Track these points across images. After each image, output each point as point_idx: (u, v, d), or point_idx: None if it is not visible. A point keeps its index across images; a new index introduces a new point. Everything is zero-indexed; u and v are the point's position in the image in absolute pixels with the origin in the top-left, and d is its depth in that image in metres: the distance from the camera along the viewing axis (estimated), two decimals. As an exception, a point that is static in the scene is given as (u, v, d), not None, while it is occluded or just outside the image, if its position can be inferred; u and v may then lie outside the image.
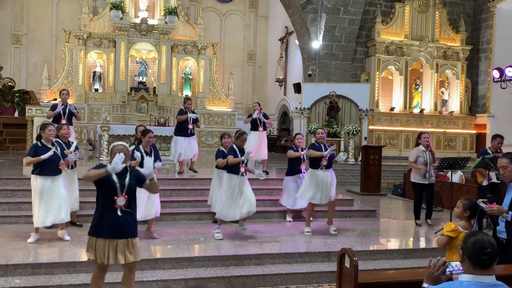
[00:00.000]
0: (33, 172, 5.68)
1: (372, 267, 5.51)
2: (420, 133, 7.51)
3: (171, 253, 5.42)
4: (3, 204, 6.90)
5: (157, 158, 6.07)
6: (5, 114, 13.79)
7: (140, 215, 5.46)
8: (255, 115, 9.31)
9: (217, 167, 6.72)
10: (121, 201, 3.79)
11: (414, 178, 7.36)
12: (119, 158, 3.65)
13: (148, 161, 3.83)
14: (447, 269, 2.59)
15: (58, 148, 5.83)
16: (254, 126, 9.35)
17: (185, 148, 8.63)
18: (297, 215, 7.58)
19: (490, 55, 16.10)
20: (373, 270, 5.39)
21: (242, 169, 6.14)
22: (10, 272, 4.71)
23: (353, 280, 2.97)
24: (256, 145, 9.07)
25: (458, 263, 2.51)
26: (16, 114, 13.80)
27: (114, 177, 3.78)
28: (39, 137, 5.81)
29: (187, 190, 7.92)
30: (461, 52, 16.27)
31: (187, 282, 4.91)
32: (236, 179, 6.12)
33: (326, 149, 6.53)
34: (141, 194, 5.54)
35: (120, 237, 3.81)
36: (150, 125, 12.85)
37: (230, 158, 6.10)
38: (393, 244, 6.57)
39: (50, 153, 5.54)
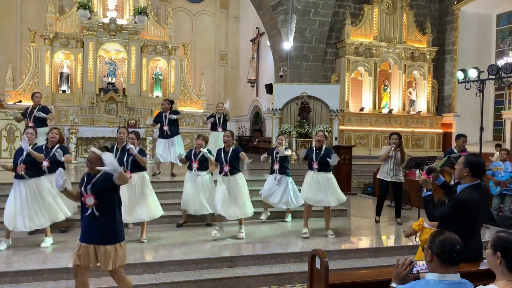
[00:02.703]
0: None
1: (344, 266, 5.58)
2: (391, 134, 7.73)
3: (142, 258, 5.34)
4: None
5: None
6: (-33, 116, 13.26)
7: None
8: (217, 116, 9.22)
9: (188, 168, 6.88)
10: (89, 200, 3.77)
11: (379, 174, 7.67)
12: (58, 174, 3.84)
13: (108, 157, 3.67)
14: (414, 268, 2.65)
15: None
16: (214, 126, 9.35)
17: (163, 150, 8.57)
18: (277, 216, 7.61)
19: (455, 56, 16.61)
20: (344, 269, 5.46)
21: (226, 169, 6.27)
22: (-27, 282, 4.54)
23: (324, 281, 3.00)
24: (214, 146, 9.03)
25: (424, 262, 2.57)
26: (-22, 117, 13.29)
27: (85, 177, 3.87)
28: None
29: (160, 193, 7.79)
30: (428, 54, 16.71)
31: (158, 287, 4.85)
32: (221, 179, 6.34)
33: (320, 153, 6.55)
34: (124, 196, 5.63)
35: (89, 242, 3.78)
36: (119, 126, 12.62)
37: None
38: (364, 243, 6.68)
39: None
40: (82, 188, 3.85)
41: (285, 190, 7.29)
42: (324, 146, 6.64)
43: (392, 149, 7.37)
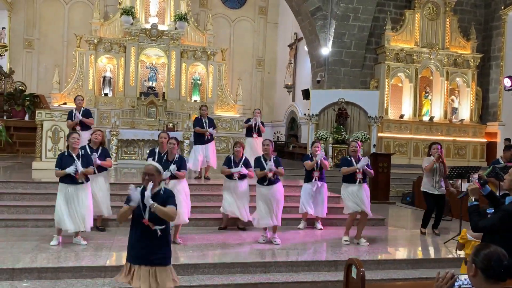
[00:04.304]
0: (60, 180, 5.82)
1: (380, 277, 5.43)
2: (432, 144, 7.43)
3: (176, 259, 5.38)
4: (12, 208, 6.94)
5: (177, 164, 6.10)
6: (16, 117, 13.93)
7: None
8: (252, 121, 9.57)
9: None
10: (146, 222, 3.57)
11: (424, 187, 7.32)
12: (134, 192, 3.46)
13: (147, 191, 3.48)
14: (456, 283, 2.52)
15: (79, 158, 5.78)
16: (249, 132, 9.49)
17: (204, 155, 8.69)
18: (310, 223, 7.53)
19: (502, 63, 15.94)
20: (380, 280, 5.32)
21: (270, 174, 6.20)
22: (16, 275, 4.72)
23: (360, 291, 2.92)
24: (252, 151, 9.09)
25: (467, 276, 2.45)
26: (26, 118, 13.93)
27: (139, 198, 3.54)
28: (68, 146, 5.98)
29: (194, 195, 7.89)
30: (472, 60, 16.13)
31: (192, 289, 4.88)
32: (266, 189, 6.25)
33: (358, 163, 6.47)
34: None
35: (142, 263, 3.57)
36: (158, 130, 12.89)
37: (257, 171, 6.27)
38: (401, 253, 6.49)
39: (71, 169, 5.62)
40: (141, 208, 3.56)
41: (324, 198, 7.25)
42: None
43: (436, 160, 7.08)
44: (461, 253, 6.24)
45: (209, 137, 8.80)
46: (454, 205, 8.75)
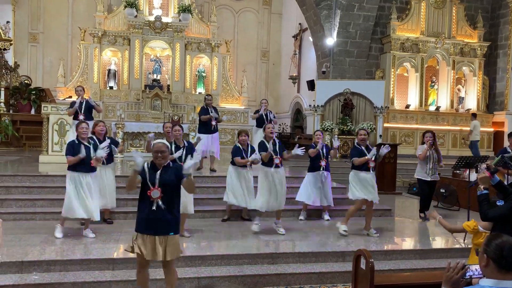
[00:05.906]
0: (68, 168, 5.77)
1: (388, 267, 5.42)
2: (425, 132, 7.62)
3: (184, 251, 5.39)
4: (19, 201, 6.98)
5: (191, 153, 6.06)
6: (22, 111, 13.96)
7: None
8: (262, 111, 9.40)
9: (232, 163, 6.82)
10: (155, 194, 3.79)
11: (417, 174, 7.62)
12: (137, 155, 3.82)
13: (188, 158, 3.98)
14: (467, 273, 2.50)
15: (91, 146, 5.83)
16: (261, 123, 9.35)
17: (208, 145, 8.67)
18: (310, 213, 7.52)
19: (509, 51, 15.78)
20: (388, 270, 5.31)
21: (277, 161, 6.22)
22: (25, 268, 4.75)
23: (369, 282, 2.91)
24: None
25: (478, 266, 2.42)
26: (32, 112, 13.96)
27: (146, 171, 3.83)
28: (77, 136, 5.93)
29: (201, 187, 7.90)
30: (479, 49, 15.97)
31: (200, 281, 4.90)
32: (271, 172, 6.24)
33: (368, 151, 6.38)
34: None
35: (156, 233, 3.82)
36: (164, 122, 12.88)
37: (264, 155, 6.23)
38: (409, 244, 6.48)
39: (83, 153, 5.60)
40: (148, 180, 3.84)
41: (329, 187, 7.22)
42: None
43: (428, 148, 7.26)
44: (469, 243, 6.24)
45: (215, 126, 8.78)
46: (461, 195, 8.70)
